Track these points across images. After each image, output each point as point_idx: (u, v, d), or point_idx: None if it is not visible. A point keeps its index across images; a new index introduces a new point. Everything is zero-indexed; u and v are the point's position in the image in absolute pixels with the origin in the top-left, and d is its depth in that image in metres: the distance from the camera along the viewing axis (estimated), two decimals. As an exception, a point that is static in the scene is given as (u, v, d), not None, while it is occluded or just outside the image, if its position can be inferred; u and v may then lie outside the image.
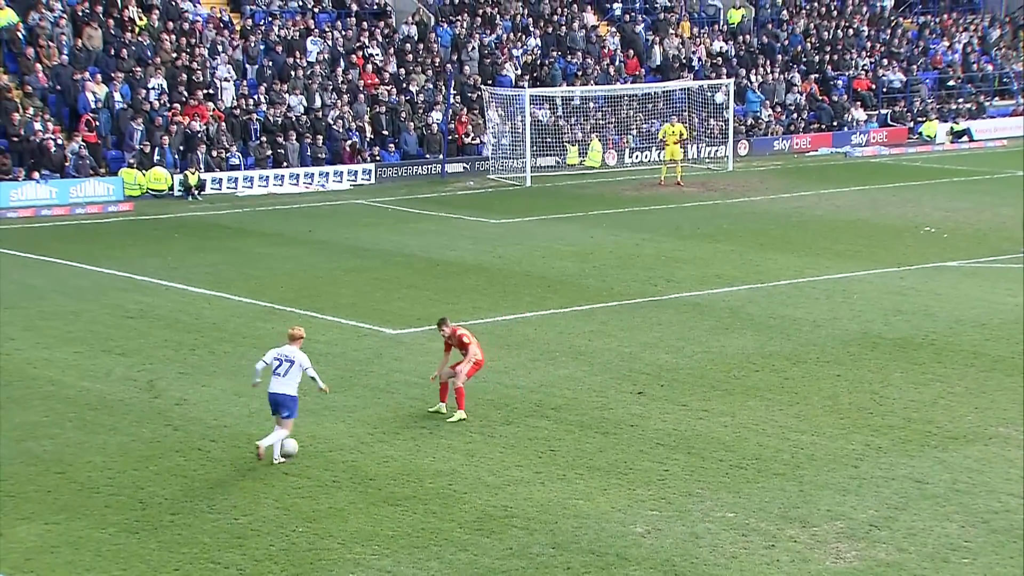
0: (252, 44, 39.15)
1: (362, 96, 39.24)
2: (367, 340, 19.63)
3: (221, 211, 32.34)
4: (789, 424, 15.79)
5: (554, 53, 43.45)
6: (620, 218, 31.05)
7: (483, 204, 33.65)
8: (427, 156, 38.92)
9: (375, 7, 42.83)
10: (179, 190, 34.18)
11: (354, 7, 42.37)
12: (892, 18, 51.80)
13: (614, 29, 45.72)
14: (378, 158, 38.18)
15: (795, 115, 45.56)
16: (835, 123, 45.54)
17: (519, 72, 42.20)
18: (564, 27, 44.57)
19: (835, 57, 48.11)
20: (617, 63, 44.17)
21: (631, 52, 44.72)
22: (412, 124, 39.01)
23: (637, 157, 40.70)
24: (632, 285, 23.28)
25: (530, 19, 44.31)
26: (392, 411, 16.39)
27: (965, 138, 46.18)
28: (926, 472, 14.20)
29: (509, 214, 31.61)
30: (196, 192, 34.12)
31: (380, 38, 41.58)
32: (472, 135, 39.67)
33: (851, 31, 49.58)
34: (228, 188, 35.28)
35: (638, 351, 18.92)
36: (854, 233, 28.63)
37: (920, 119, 46.96)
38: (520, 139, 38.12)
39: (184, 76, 36.81)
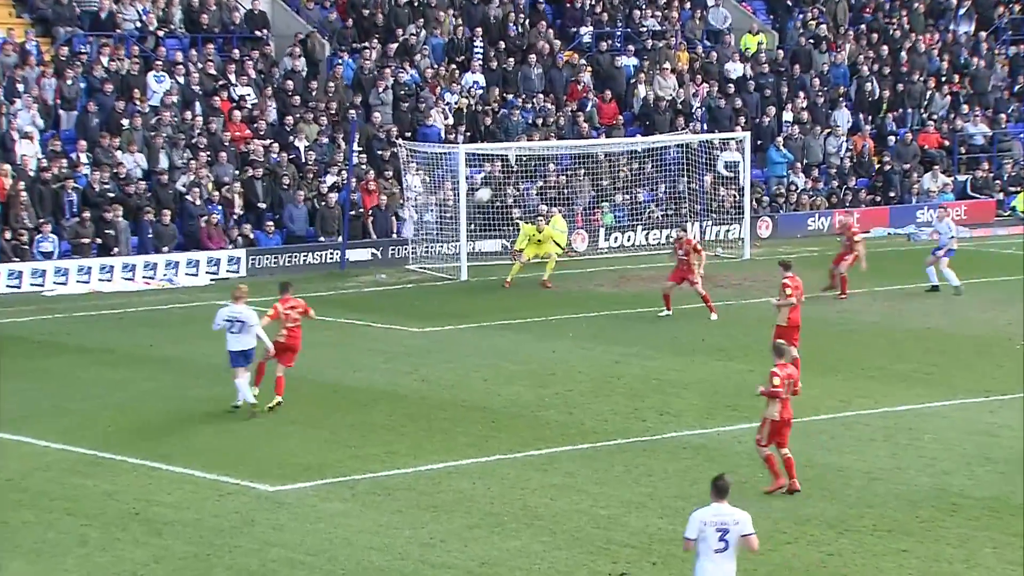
0: (69, 81, 39.41)
1: (227, 154, 39.51)
2: (233, 500, 19.54)
3: (22, 318, 32.17)
4: (835, 618, 15.88)
5: (500, 95, 44.16)
6: (594, 325, 31.25)
7: (400, 306, 33.76)
8: (320, 238, 39.14)
9: (246, 30, 43.40)
10: (-38, 287, 34.08)
11: (216, 29, 42.89)
12: (972, 46, 53.00)
13: (584, 61, 46.58)
14: (251, 241, 38.32)
15: (838, 182, 46.43)
16: (894, 194, 46.48)
17: (451, 121, 42.80)
18: (514, 58, 45.37)
19: (897, 100, 49.15)
20: (589, 108, 44.95)
21: (608, 93, 45.57)
22: (300, 194, 39.30)
23: (617, 239, 41.23)
24: (611, 420, 23.39)
25: (482, 44, 44.72)
26: (268, 603, 16.27)
27: (1076, 215, 47.37)
28: None
29: (437, 320, 31.73)
30: (-14, 290, 33.97)
31: (253, 73, 42.06)
32: (385, 209, 40.01)
33: (918, 65, 50.60)
34: (33, 285, 35.18)
35: (620, 514, 18.97)
36: (923, 348, 29.04)
37: (1013, 189, 47.99)
38: (453, 215, 38.48)
39: (-30, 126, 37.00)
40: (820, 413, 23.83)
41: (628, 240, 41.27)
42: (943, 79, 50.79)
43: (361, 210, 39.76)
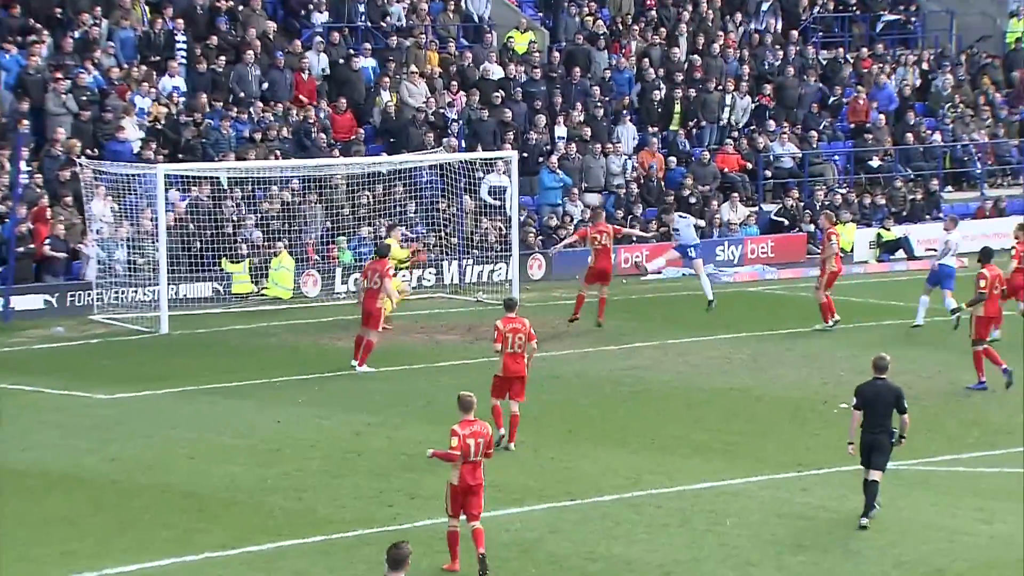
0: None
1: None
2: None
3: None
4: None
5: (207, 101, 43.79)
6: (321, 388, 31.19)
7: (82, 366, 33.27)
8: (-21, 281, 38.39)
9: None
10: None
11: None
12: (778, 50, 54.23)
13: (320, 56, 46.40)
14: None
15: (623, 212, 47.07)
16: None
17: (145, 135, 42.31)
18: (225, 57, 45.01)
19: (690, 112, 50.11)
20: (322, 118, 44.87)
21: (343, 102, 45.56)
22: (-49, 224, 38.47)
23: (357, 281, 41.10)
24: (350, 505, 23.35)
25: (184, 39, 44.34)
26: None
27: (900, 253, 48.66)
28: None
29: (130, 384, 31.34)
30: None
31: None
32: (62, 243, 39.33)
33: (714, 71, 51.70)
34: None
35: (361, 624, 18.93)
36: (725, 412, 29.49)
37: (827, 221, 49.19)
38: (150, 251, 37.98)
39: None
40: (604, 493, 24.03)
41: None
42: (744, 87, 51.64)
43: (32, 246, 38.98)
